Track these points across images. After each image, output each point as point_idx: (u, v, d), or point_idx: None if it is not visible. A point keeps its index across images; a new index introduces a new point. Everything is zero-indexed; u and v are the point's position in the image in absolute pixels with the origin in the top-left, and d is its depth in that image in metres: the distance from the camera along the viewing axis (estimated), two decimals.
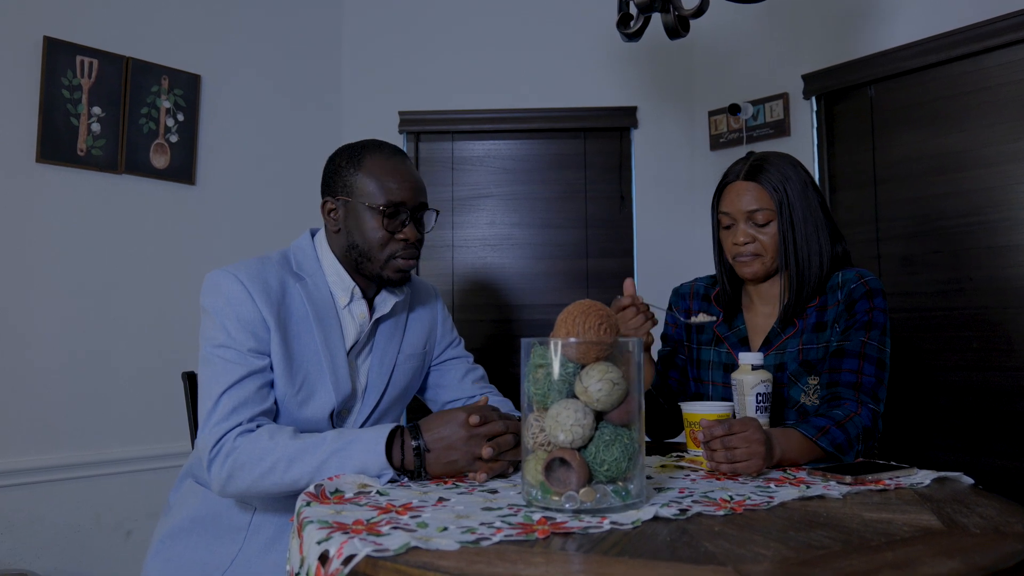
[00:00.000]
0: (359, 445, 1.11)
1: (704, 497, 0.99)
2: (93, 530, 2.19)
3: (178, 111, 2.45)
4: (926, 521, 0.89)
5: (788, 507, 0.96)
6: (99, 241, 2.28)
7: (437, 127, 2.91)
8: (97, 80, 2.26)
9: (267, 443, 1.15)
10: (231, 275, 1.27)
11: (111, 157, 2.29)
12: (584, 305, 0.97)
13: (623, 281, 1.43)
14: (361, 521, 0.87)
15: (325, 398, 1.31)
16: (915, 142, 2.36)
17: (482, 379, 1.58)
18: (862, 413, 1.28)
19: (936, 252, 2.30)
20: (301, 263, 1.36)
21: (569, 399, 0.93)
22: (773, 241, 1.42)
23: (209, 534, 1.30)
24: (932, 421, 2.26)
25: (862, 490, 1.06)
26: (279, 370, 1.26)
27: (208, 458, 1.17)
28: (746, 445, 1.12)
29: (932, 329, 2.29)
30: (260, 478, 1.14)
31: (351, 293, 1.37)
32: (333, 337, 1.33)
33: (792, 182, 1.42)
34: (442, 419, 1.15)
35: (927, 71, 2.33)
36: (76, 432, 2.19)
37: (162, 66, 2.41)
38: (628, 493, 0.92)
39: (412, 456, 1.11)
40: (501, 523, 0.86)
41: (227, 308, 1.25)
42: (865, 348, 1.35)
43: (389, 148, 1.36)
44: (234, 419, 1.18)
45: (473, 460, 1.11)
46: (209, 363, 1.23)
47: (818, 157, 2.61)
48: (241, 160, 2.62)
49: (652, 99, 2.93)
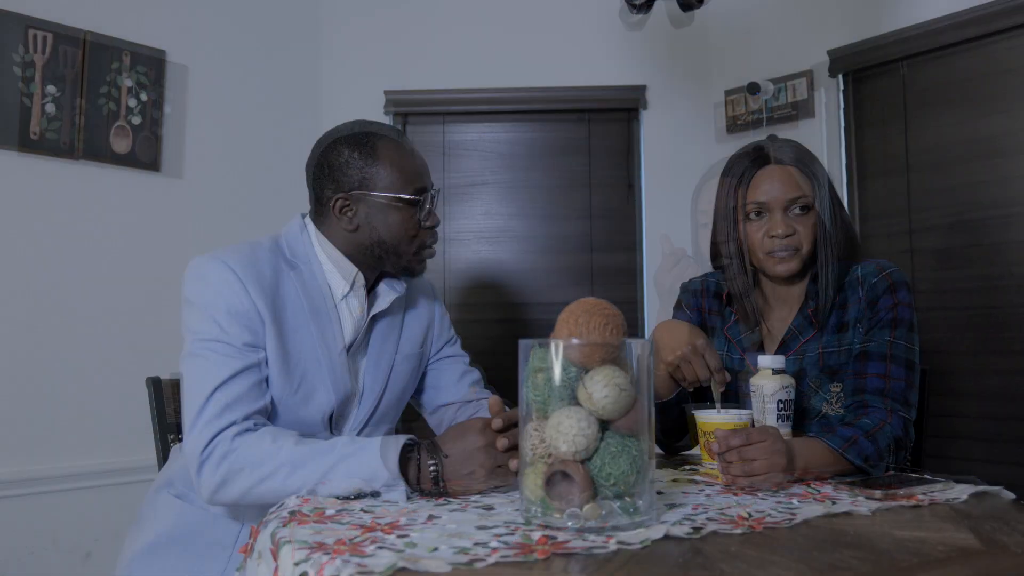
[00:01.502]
0: (371, 453, 1.10)
1: (720, 514, 0.99)
2: (49, 552, 2.19)
3: (141, 91, 2.44)
4: (963, 540, 0.89)
5: (812, 525, 0.96)
6: (53, 234, 2.27)
7: (427, 108, 2.90)
8: (51, 56, 2.26)
9: (269, 446, 1.14)
10: (220, 262, 1.25)
11: (67, 141, 2.28)
12: (588, 303, 0.97)
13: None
14: (344, 540, 0.86)
15: (324, 398, 1.31)
16: (951, 125, 2.37)
17: (479, 382, 1.59)
18: (892, 422, 1.28)
19: (974, 246, 2.31)
20: (294, 249, 1.35)
21: (572, 406, 0.93)
22: (813, 233, 1.40)
23: (191, 551, 1.28)
24: (970, 431, 2.27)
25: (893, 506, 1.06)
26: (275, 367, 1.25)
27: (199, 460, 1.15)
28: (765, 456, 1.12)
29: (969, 329, 2.30)
30: (257, 483, 1.13)
31: (352, 282, 1.36)
32: (329, 332, 1.32)
33: (820, 166, 1.43)
34: (458, 431, 1.15)
35: (965, 47, 2.33)
36: (27, 444, 2.19)
37: (123, 41, 2.40)
38: (636, 509, 0.92)
39: (428, 475, 1.12)
40: (497, 542, 0.86)
41: (217, 300, 1.23)
42: (892, 349, 1.35)
43: (393, 130, 1.38)
44: (227, 417, 1.16)
45: (494, 470, 1.12)
46: (197, 358, 1.21)
47: (845, 141, 2.61)
48: (211, 145, 2.61)
49: (662, 78, 2.93)
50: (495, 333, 2.86)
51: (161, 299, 2.43)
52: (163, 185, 2.50)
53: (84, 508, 2.24)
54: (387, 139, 1.35)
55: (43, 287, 2.24)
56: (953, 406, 2.30)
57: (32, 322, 2.22)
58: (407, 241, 1.35)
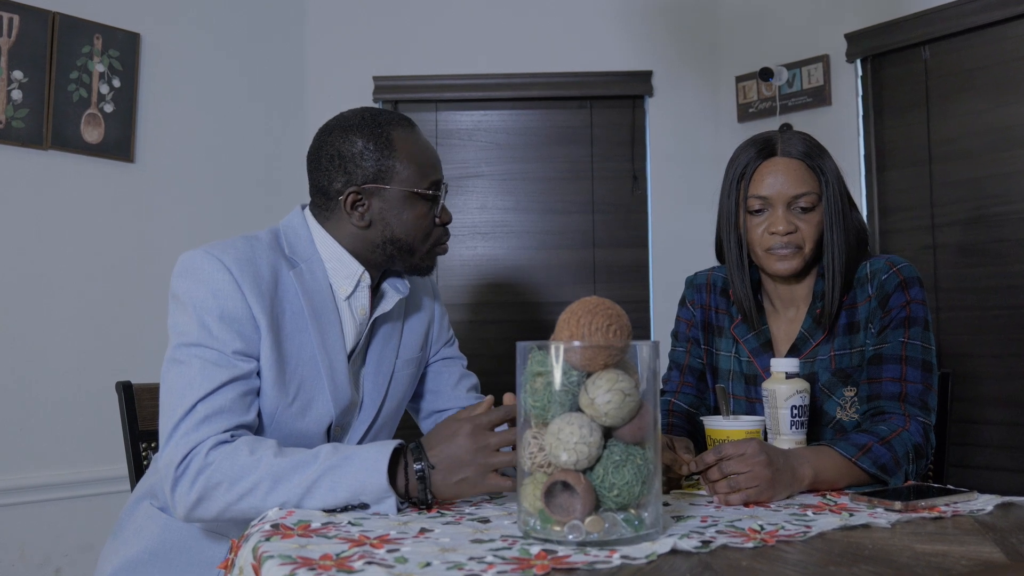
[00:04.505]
0: (357, 462, 1.08)
1: (730, 527, 1.00)
2: (17, 567, 2.19)
3: (114, 76, 2.44)
4: (988, 554, 0.89)
5: (827, 538, 0.96)
6: (19, 228, 2.27)
7: (418, 95, 2.90)
8: (18, 39, 2.25)
9: (247, 459, 1.11)
10: (215, 259, 1.22)
11: (35, 130, 2.28)
12: (590, 303, 0.97)
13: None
14: (330, 556, 0.87)
15: (323, 409, 1.29)
16: (976, 113, 2.37)
17: (475, 388, 1.58)
18: (911, 428, 1.28)
19: (1000, 241, 2.31)
20: (294, 245, 1.33)
21: (573, 413, 0.93)
22: (817, 231, 1.41)
23: (174, 569, 1.27)
24: (995, 438, 2.27)
25: (914, 518, 1.06)
26: (269, 378, 1.23)
27: (173, 476, 1.13)
28: (747, 468, 1.12)
29: (994, 331, 2.30)
30: (237, 500, 1.10)
31: (357, 280, 1.34)
32: (332, 336, 1.31)
33: (830, 161, 1.42)
34: (445, 431, 1.13)
35: (991, 29, 2.34)
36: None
37: (95, 23, 2.39)
38: (641, 522, 0.92)
39: (416, 481, 1.10)
40: (493, 557, 0.86)
41: (209, 301, 1.20)
42: (906, 350, 1.35)
43: (405, 119, 1.37)
44: (206, 430, 1.14)
45: (486, 474, 1.10)
46: (181, 364, 1.19)
47: (863, 130, 2.62)
48: (189, 135, 2.61)
49: (670, 62, 2.93)
50: (491, 335, 2.86)
51: (135, 299, 2.43)
52: (137, 177, 2.49)
53: (53, 521, 2.24)
54: (403, 128, 1.34)
55: (8, 285, 2.24)
56: (977, 412, 2.31)
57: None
58: (421, 238, 1.34)
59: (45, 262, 2.30)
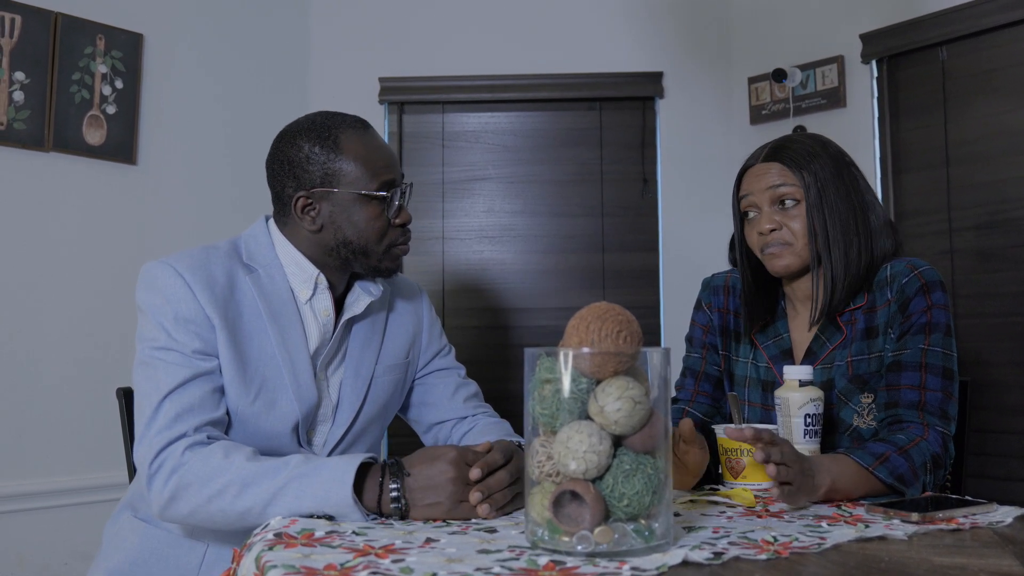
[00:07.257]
0: (325, 473, 1.11)
1: (743, 538, 0.99)
2: (16, 574, 2.19)
3: (116, 77, 2.45)
4: (1007, 567, 0.89)
5: (843, 550, 0.96)
6: (20, 230, 2.28)
7: (424, 96, 2.91)
8: (20, 40, 2.27)
9: (220, 462, 1.16)
10: (168, 267, 1.29)
11: (36, 132, 2.29)
12: (600, 309, 0.97)
13: None
14: (334, 566, 0.87)
15: (287, 407, 1.32)
16: (995, 115, 2.36)
17: (475, 396, 1.58)
18: (929, 438, 1.28)
19: (1019, 246, 2.30)
20: (253, 253, 1.38)
21: (582, 421, 0.93)
22: (804, 227, 1.42)
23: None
24: (1015, 448, 2.26)
25: (931, 530, 1.06)
26: (230, 376, 1.28)
27: (148, 473, 1.18)
28: (796, 464, 1.13)
29: (1013, 338, 2.29)
30: (207, 502, 1.15)
31: (314, 284, 1.38)
32: (291, 336, 1.34)
33: (820, 158, 1.42)
34: (429, 455, 1.15)
35: (1010, 29, 2.33)
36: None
37: (97, 23, 2.41)
38: (652, 533, 0.92)
39: (389, 499, 1.12)
40: (500, 568, 0.86)
41: (164, 306, 1.27)
42: (927, 357, 1.34)
43: (357, 120, 1.39)
44: (178, 428, 1.19)
45: (458, 503, 1.12)
46: (147, 366, 1.25)
47: (879, 132, 2.61)
48: (191, 136, 2.62)
49: (681, 63, 2.93)
50: (497, 341, 2.86)
51: (134, 303, 2.44)
52: (140, 179, 2.50)
53: (52, 528, 2.25)
54: (351, 130, 1.36)
55: (9, 289, 2.25)
56: (996, 421, 2.30)
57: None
58: (375, 240, 1.36)
59: (46, 265, 2.32)
